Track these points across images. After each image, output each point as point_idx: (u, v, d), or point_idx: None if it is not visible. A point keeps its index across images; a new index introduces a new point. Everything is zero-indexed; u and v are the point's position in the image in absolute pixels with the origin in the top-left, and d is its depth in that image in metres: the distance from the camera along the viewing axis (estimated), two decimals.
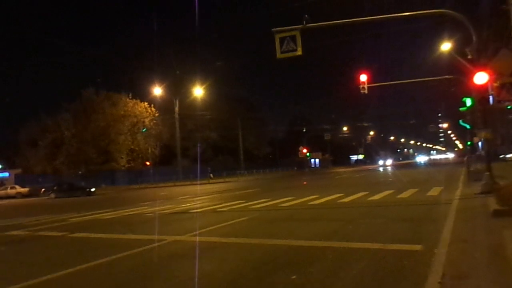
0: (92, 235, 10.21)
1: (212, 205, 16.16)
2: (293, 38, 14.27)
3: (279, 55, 14.49)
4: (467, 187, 15.53)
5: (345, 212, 11.60)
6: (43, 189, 33.87)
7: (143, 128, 47.79)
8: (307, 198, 16.07)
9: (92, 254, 7.60)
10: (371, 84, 27.34)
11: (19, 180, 44.08)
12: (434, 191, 15.48)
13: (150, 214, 14.40)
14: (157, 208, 16.33)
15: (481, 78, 11.20)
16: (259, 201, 16.50)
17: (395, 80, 30.53)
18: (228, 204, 16.28)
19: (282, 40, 14.41)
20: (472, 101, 12.69)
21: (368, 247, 6.64)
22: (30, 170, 45.01)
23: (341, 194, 16.85)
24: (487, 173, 12.34)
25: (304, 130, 79.53)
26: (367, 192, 16.94)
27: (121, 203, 21.00)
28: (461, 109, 13.30)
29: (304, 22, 13.88)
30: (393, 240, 7.05)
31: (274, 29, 14.24)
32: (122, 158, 49.72)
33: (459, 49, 27.52)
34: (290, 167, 77.54)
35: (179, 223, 11.50)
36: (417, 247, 6.37)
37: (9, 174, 46.01)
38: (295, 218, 10.90)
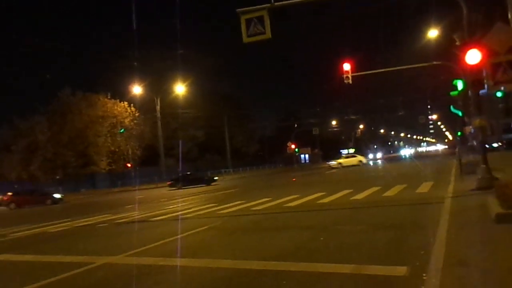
0: (16, 257, 8.51)
1: (178, 211, 14.48)
2: (260, 20, 12.59)
3: (245, 39, 12.80)
4: (460, 181, 14.05)
5: (321, 217, 10.00)
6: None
7: (121, 129, 45.69)
8: (285, 199, 14.48)
9: None
10: (355, 73, 25.90)
11: None
12: (424, 187, 13.98)
13: (104, 225, 12.67)
14: (117, 217, 14.66)
15: (473, 56, 9.64)
16: (232, 204, 14.90)
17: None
18: (197, 208, 14.62)
19: (248, 22, 12.71)
20: (464, 84, 11.16)
21: (337, 270, 5.04)
22: (4, 177, 42.76)
23: (323, 193, 15.31)
24: (483, 166, 10.84)
25: (295, 125, 78.00)
26: (351, 190, 15.41)
27: (85, 211, 19.21)
28: (451, 93, 11.77)
29: (272, 0, 12.24)
30: (370, 258, 5.45)
31: (238, 10, 12.57)
32: (102, 160, 47.64)
33: (446, 36, 26.24)
34: (279, 164, 76.06)
35: (126, 237, 9.80)
36: (401, 270, 4.77)
37: None
38: (262, 227, 9.27)
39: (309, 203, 12.97)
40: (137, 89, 46.09)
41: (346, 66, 24.82)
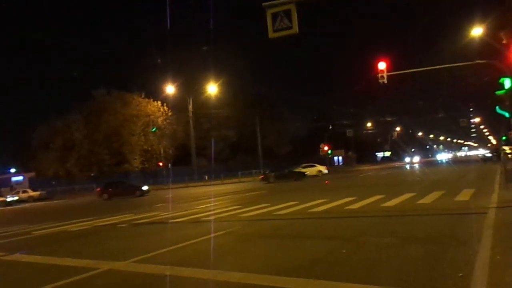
0: (26, 258, 8.28)
1: (200, 212, 14.04)
2: (287, 13, 11.93)
3: (271, 34, 12.17)
4: (505, 190, 12.77)
5: (346, 225, 9.20)
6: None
7: (153, 128, 46.14)
8: (312, 203, 13.71)
9: None
10: (391, 72, 24.70)
11: (33, 184, 43.47)
12: (464, 195, 12.81)
13: (123, 225, 12.39)
14: (138, 217, 14.41)
15: None
16: (256, 206, 14.30)
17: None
18: (220, 211, 14.11)
19: (274, 16, 12.09)
20: None
21: None
22: (43, 173, 44.26)
23: (354, 198, 14.41)
24: None
25: (330, 127, 76.36)
26: (383, 196, 14.42)
27: (112, 209, 19.21)
28: (497, 92, 10.61)
29: None
30: (397, 279, 4.69)
31: (264, 3, 11.96)
32: (135, 159, 48.38)
33: (492, 34, 24.47)
34: None
35: (139, 240, 9.40)
36: None
37: (23, 178, 45.47)
38: (281, 234, 8.59)
39: (337, 208, 12.16)
40: (170, 89, 46.52)
41: (381, 65, 23.69)
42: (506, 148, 40.24)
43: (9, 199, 36.82)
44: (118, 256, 7.27)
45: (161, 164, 46.24)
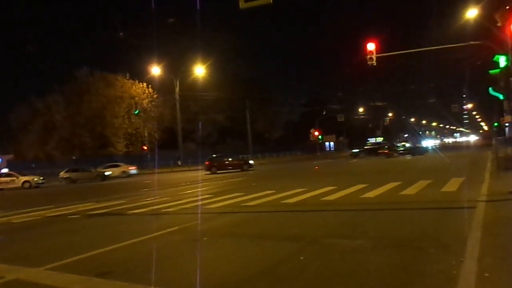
0: None
1: (166, 202, 12.87)
2: None
3: (242, 4, 10.93)
4: (496, 179, 11.74)
5: (316, 221, 8.06)
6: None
7: (136, 110, 44.54)
8: (288, 193, 12.62)
9: None
10: (380, 54, 23.47)
11: (11, 166, 41.94)
12: (452, 185, 11.76)
13: (76, 216, 11.19)
14: (98, 206, 13.25)
15: None
16: (228, 196, 13.21)
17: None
18: (187, 200, 12.96)
19: None
20: (508, 59, 8.83)
21: None
22: (22, 156, 42.70)
23: (334, 187, 13.35)
24: None
25: (324, 112, 75.04)
26: (366, 185, 13.37)
27: (79, 196, 18.00)
28: (491, 71, 9.44)
29: None
30: None
31: None
32: (119, 142, 46.92)
33: (486, 16, 23.28)
34: (302, 151, 73.68)
35: (79, 236, 8.18)
36: None
37: (1, 160, 43.89)
38: (238, 232, 7.43)
39: (312, 200, 11.05)
40: (156, 70, 44.81)
41: (370, 46, 22.46)
42: None
43: None
44: (38, 260, 6.08)
45: (145, 147, 44.87)
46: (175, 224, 8.37)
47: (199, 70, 46.86)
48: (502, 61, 8.69)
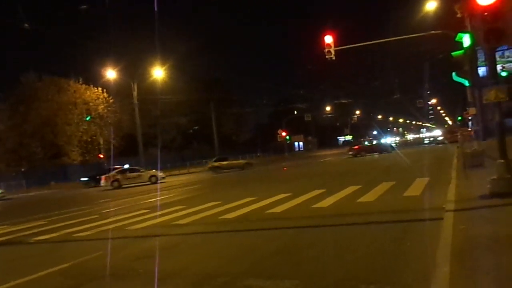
0: None
1: (90, 222, 10.87)
2: None
3: None
4: (464, 179, 10.41)
5: (247, 245, 6.36)
6: None
7: (87, 116, 41.69)
8: (233, 204, 10.93)
9: None
10: (339, 47, 22.16)
11: None
12: (416, 188, 10.38)
13: None
14: (11, 229, 11.15)
15: None
16: (167, 210, 11.40)
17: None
18: (114, 219, 11.01)
19: None
20: (472, 38, 7.47)
21: None
22: None
23: (288, 194, 11.80)
24: (501, 161, 7.21)
25: (295, 112, 73.87)
26: (323, 190, 11.87)
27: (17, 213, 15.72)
28: (454, 53, 8.08)
29: None
30: None
31: None
32: (73, 151, 43.90)
33: (446, 8, 22.65)
34: (271, 153, 72.32)
35: None
36: None
37: None
38: (132, 274, 5.55)
39: (256, 213, 9.39)
40: (111, 74, 42.21)
41: (328, 39, 21.09)
42: None
43: None
44: None
45: (101, 156, 42.12)
46: (70, 258, 6.49)
47: (158, 73, 44.60)
48: (466, 39, 7.39)
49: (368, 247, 5.42)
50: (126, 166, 33.26)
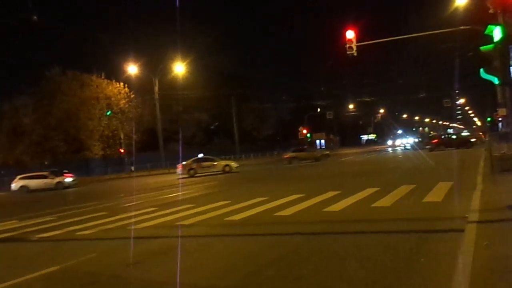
0: None
1: (95, 219, 10.65)
2: None
3: None
4: (490, 185, 9.64)
5: (245, 253, 5.86)
6: None
7: (108, 111, 42.06)
8: (242, 205, 10.53)
9: None
10: (362, 43, 21.37)
11: None
12: (437, 193, 9.66)
13: None
14: (19, 225, 11.08)
15: None
16: (175, 209, 11.08)
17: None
18: (121, 216, 10.75)
19: None
20: (504, 31, 6.72)
21: None
22: None
23: (301, 195, 11.30)
24: None
25: (318, 110, 72.76)
26: (338, 192, 11.31)
27: (17, 210, 15.79)
28: (482, 48, 7.34)
29: None
30: None
31: None
32: (95, 145, 44.44)
33: (477, 3, 21.61)
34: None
35: None
36: None
37: None
38: (118, 283, 5.17)
39: (264, 215, 8.93)
40: (132, 69, 42.49)
41: (350, 34, 20.29)
42: None
43: None
44: None
45: (122, 150, 42.44)
46: (62, 260, 6.19)
47: (179, 68, 44.61)
48: (497, 32, 6.65)
49: (376, 261, 4.85)
50: (201, 155, 33.71)
